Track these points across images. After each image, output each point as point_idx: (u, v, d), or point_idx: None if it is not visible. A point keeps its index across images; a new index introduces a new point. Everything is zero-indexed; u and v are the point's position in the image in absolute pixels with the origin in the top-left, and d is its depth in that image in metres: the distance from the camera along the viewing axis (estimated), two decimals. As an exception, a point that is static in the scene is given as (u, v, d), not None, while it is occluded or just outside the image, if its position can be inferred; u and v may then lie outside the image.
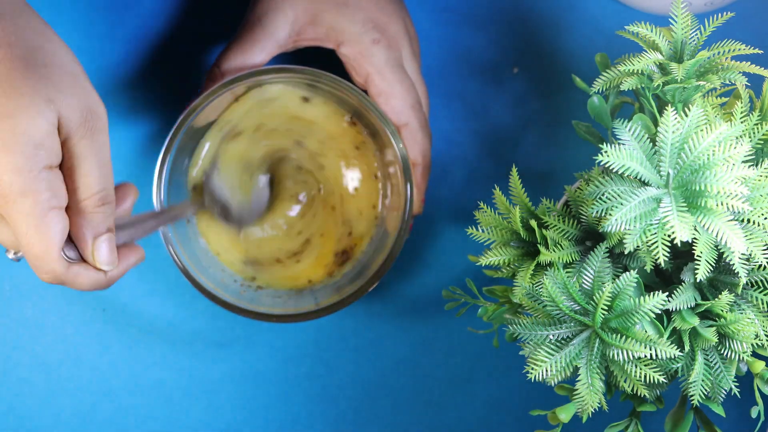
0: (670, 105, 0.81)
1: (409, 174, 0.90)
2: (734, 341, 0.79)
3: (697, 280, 0.79)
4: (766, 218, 0.76)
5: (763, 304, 0.80)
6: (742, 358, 0.80)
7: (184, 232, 0.91)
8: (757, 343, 0.80)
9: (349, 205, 0.93)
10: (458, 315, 0.93)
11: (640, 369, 0.77)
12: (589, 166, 0.92)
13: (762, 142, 0.81)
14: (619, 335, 0.77)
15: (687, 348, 0.80)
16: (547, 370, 0.78)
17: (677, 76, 0.80)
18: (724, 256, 0.77)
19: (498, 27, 0.97)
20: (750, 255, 0.77)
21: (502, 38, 0.97)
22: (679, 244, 0.76)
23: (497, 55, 0.97)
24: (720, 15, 0.82)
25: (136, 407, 0.95)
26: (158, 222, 0.86)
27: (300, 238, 0.94)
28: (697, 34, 0.82)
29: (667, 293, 0.79)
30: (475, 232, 0.83)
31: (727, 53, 0.81)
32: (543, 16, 0.97)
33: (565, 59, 0.97)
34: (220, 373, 0.96)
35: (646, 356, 0.77)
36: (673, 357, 0.79)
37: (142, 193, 0.94)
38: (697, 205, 0.75)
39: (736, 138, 0.78)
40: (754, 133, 0.81)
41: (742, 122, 0.79)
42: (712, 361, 0.81)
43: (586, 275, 0.79)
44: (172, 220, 0.88)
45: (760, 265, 0.79)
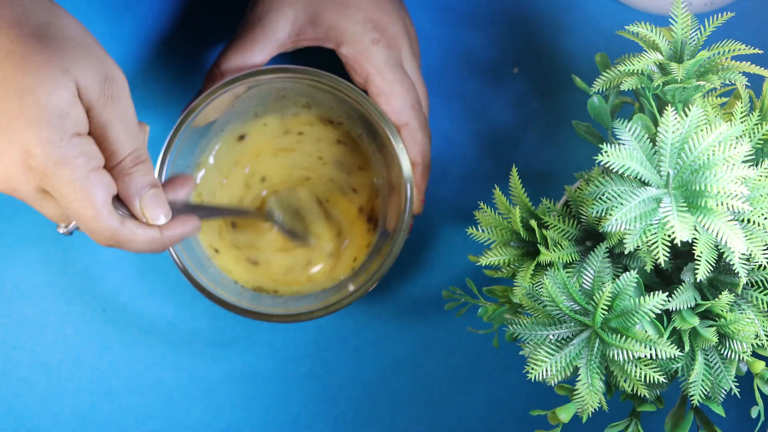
0: (670, 105, 0.81)
1: (409, 174, 0.90)
2: (734, 341, 0.79)
3: (697, 280, 0.79)
4: (766, 218, 0.76)
5: (763, 304, 0.80)
6: (742, 358, 0.80)
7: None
8: (757, 343, 0.80)
9: (349, 207, 0.93)
10: (458, 315, 0.93)
11: (640, 369, 0.77)
12: (589, 166, 0.92)
13: (762, 142, 0.81)
14: (619, 335, 0.77)
15: (687, 348, 0.80)
16: (547, 370, 0.78)
17: (677, 76, 0.80)
18: (724, 256, 0.77)
19: (498, 27, 0.97)
20: (750, 255, 0.77)
21: (502, 38, 0.97)
22: (679, 244, 0.76)
23: (497, 55, 0.97)
24: (720, 15, 0.82)
25: (136, 407, 0.95)
26: (227, 212, 0.90)
27: (308, 251, 0.94)
28: (697, 34, 0.82)
29: (667, 293, 0.79)
30: (475, 232, 0.83)
31: (727, 53, 0.81)
32: (543, 16, 0.97)
33: (565, 59, 0.97)
34: (220, 373, 0.95)
35: (646, 356, 0.77)
36: (673, 357, 0.79)
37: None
38: (697, 205, 0.75)
39: (736, 138, 0.78)
40: (754, 133, 0.81)
41: (742, 122, 0.79)
42: (712, 361, 0.81)
43: (586, 275, 0.79)
44: (235, 216, 0.92)
45: (760, 265, 0.79)
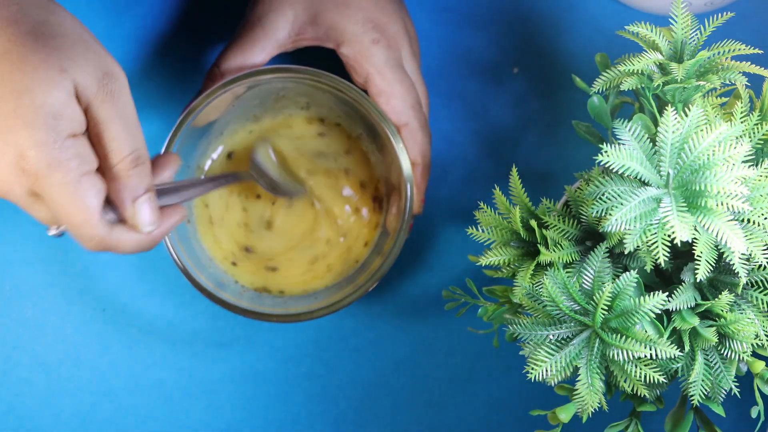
0: (670, 105, 0.81)
1: (409, 174, 0.90)
2: (734, 341, 0.79)
3: (697, 280, 0.79)
4: (766, 218, 0.76)
5: (763, 304, 0.80)
6: (742, 358, 0.80)
7: (183, 232, 0.91)
8: (757, 343, 0.80)
9: (348, 207, 0.93)
10: (458, 315, 0.93)
11: (640, 369, 0.77)
12: (589, 166, 0.92)
13: (762, 142, 0.81)
14: (619, 335, 0.77)
15: (687, 348, 0.80)
16: (547, 370, 0.78)
17: (677, 76, 0.80)
18: (724, 256, 0.77)
19: (498, 27, 0.97)
20: (750, 255, 0.77)
21: (502, 38, 0.97)
22: (679, 244, 0.76)
23: (497, 55, 0.97)
24: (720, 15, 0.82)
25: (136, 407, 0.95)
26: (203, 188, 0.85)
27: (309, 249, 0.94)
28: (697, 34, 0.82)
29: (667, 293, 0.79)
30: (475, 232, 0.83)
31: (727, 53, 0.81)
32: (543, 16, 0.97)
33: (565, 59, 0.97)
34: (220, 373, 0.95)
35: (646, 356, 0.77)
36: (673, 357, 0.79)
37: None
38: (697, 205, 0.75)
39: (736, 138, 0.78)
40: (754, 133, 0.81)
41: (742, 122, 0.79)
42: (712, 361, 0.81)
43: (586, 275, 0.79)
44: (215, 187, 0.87)
45: (760, 265, 0.79)
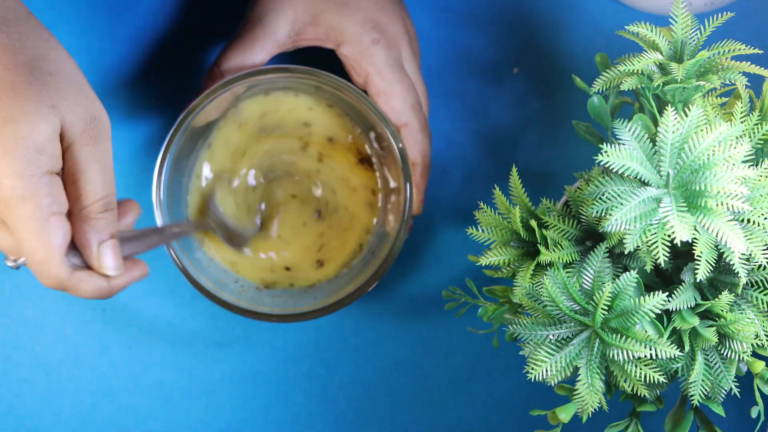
0: (670, 105, 0.81)
1: (408, 174, 0.90)
2: (734, 341, 0.79)
3: (697, 280, 0.79)
4: (766, 218, 0.76)
5: (763, 304, 0.80)
6: (742, 358, 0.80)
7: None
8: (757, 343, 0.80)
9: (349, 207, 0.93)
10: (458, 315, 0.93)
11: (640, 369, 0.77)
12: (589, 166, 0.92)
13: (762, 142, 0.81)
14: (619, 335, 0.77)
15: (687, 348, 0.80)
16: (547, 370, 0.78)
17: (677, 76, 0.80)
18: (724, 256, 0.77)
19: (498, 27, 0.97)
20: (750, 255, 0.77)
21: (502, 38, 0.97)
22: (679, 244, 0.76)
23: (497, 55, 0.97)
24: (720, 15, 0.82)
25: (136, 407, 0.95)
26: (161, 238, 0.86)
27: (307, 250, 0.94)
28: (697, 34, 0.82)
29: (667, 293, 0.79)
30: (475, 232, 0.83)
31: (727, 53, 0.81)
32: (543, 16, 0.97)
33: (565, 59, 0.97)
34: (220, 373, 0.95)
35: (646, 356, 0.77)
36: (673, 357, 0.79)
37: (142, 192, 0.94)
38: (697, 205, 0.75)
39: (736, 138, 0.78)
40: (754, 133, 0.81)
41: (742, 122, 0.79)
42: (712, 361, 0.81)
43: (586, 275, 0.79)
44: (175, 237, 0.88)
45: (760, 265, 0.79)
